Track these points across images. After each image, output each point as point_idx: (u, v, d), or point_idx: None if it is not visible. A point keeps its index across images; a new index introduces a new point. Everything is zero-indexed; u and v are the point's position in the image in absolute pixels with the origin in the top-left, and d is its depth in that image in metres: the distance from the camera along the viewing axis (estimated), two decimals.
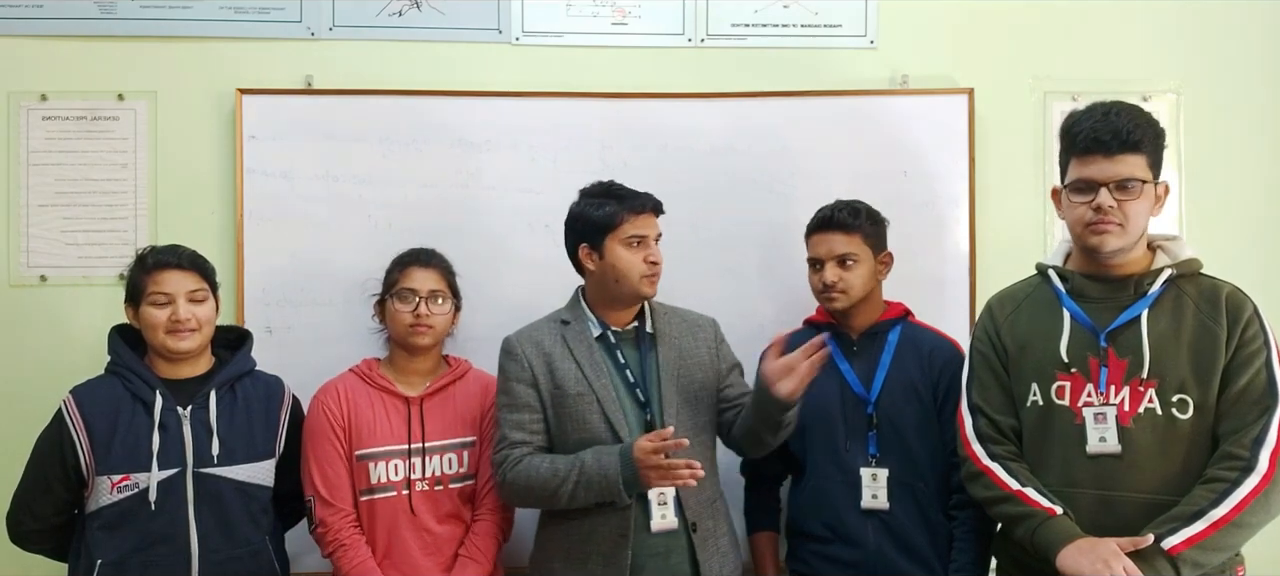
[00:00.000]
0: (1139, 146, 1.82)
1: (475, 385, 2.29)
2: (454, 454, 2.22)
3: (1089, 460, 1.83)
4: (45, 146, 2.55)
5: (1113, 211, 1.81)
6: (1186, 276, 1.87)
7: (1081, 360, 1.87)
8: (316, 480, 2.15)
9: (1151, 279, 1.86)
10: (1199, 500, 1.74)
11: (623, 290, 2.12)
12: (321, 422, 2.17)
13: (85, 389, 2.06)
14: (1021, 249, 2.65)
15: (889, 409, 2.20)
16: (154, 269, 2.05)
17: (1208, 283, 1.88)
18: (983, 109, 2.63)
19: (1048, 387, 1.89)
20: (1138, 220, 1.84)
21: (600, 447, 2.05)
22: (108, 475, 1.99)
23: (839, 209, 2.24)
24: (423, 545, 2.17)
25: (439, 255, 2.30)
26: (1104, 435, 1.82)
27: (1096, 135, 1.82)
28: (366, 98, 2.57)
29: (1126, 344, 1.84)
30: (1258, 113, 2.69)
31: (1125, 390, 1.82)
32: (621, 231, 2.10)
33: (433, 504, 2.19)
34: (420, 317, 2.19)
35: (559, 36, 2.65)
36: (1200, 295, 1.85)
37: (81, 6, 2.57)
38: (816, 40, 2.67)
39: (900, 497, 2.17)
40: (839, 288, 2.20)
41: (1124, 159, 1.81)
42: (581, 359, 2.12)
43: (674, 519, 2.05)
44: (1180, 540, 1.71)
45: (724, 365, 2.22)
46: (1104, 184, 1.82)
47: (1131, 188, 1.81)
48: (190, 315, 2.04)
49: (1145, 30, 2.69)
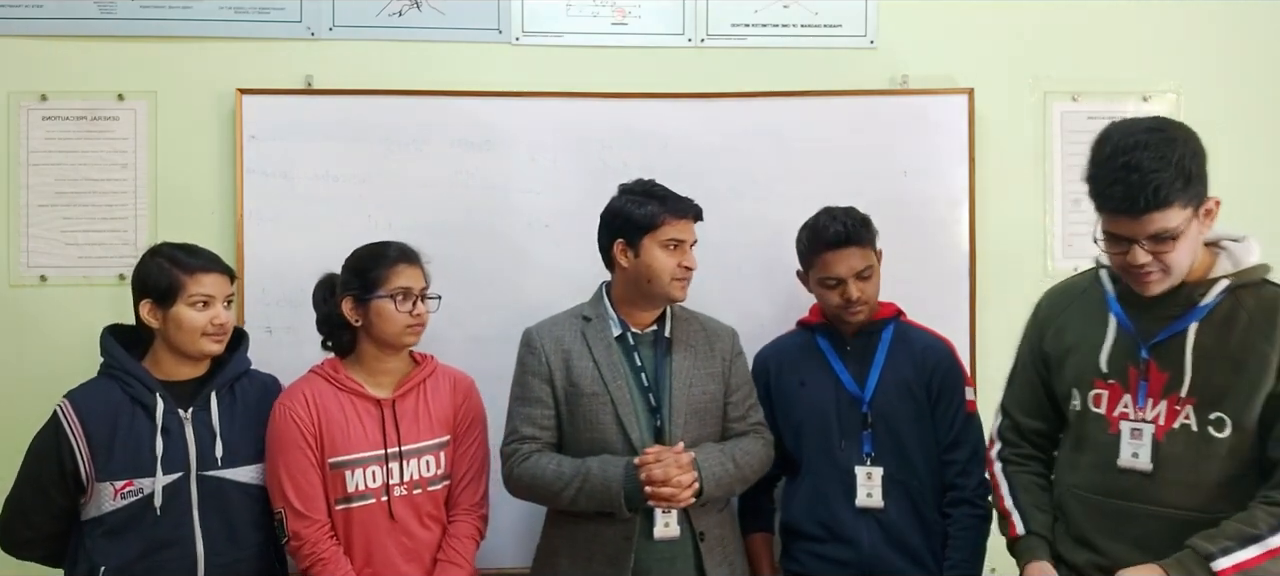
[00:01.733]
0: (1166, 202, 1.61)
1: (444, 382, 2.21)
2: (431, 455, 2.15)
3: (1119, 472, 1.78)
4: (45, 146, 2.55)
5: (1150, 263, 1.68)
6: (1247, 286, 1.73)
7: (1121, 371, 1.79)
8: (289, 491, 2.05)
9: (1206, 289, 1.72)
10: (1258, 523, 1.63)
11: (653, 291, 2.13)
12: (290, 431, 2.06)
13: (81, 393, 2.01)
14: (1021, 249, 2.67)
15: (883, 408, 2.20)
16: (198, 271, 2.02)
17: (1270, 293, 1.73)
18: (983, 109, 2.63)
19: (1086, 394, 1.84)
20: (1181, 262, 1.69)
21: (607, 458, 2.06)
22: (110, 481, 1.96)
23: (850, 222, 2.19)
24: (404, 551, 2.11)
25: (415, 249, 2.21)
26: (1137, 451, 1.75)
27: (1115, 205, 1.66)
28: (366, 98, 2.56)
29: (1169, 358, 1.74)
30: (1258, 113, 2.69)
31: (1162, 404, 1.74)
32: (660, 233, 2.10)
33: (413, 508, 2.12)
34: (418, 316, 2.14)
35: (559, 36, 2.65)
36: (1258, 308, 1.70)
37: (81, 6, 2.57)
38: (816, 40, 2.67)
39: (895, 496, 2.17)
40: (862, 300, 2.18)
41: (1151, 217, 1.63)
42: (600, 358, 2.12)
43: (677, 528, 2.06)
44: (1231, 564, 1.61)
45: (734, 379, 2.20)
46: (1135, 241, 1.67)
47: (1166, 240, 1.65)
48: (227, 321, 2.04)
49: (1145, 31, 2.69)
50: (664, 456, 2.01)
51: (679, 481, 2.00)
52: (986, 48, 2.68)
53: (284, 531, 2.07)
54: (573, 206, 2.55)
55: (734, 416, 2.19)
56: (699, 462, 2.05)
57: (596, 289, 2.24)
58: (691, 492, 2.01)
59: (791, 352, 2.32)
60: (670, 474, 1.99)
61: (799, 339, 2.34)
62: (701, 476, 2.03)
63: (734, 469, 2.11)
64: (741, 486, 2.18)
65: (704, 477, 2.04)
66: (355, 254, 2.19)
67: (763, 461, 2.20)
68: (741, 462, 2.13)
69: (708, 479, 2.04)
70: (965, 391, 2.23)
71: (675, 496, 2.00)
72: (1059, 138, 2.68)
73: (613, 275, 2.20)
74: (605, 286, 2.22)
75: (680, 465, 2.01)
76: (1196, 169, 1.65)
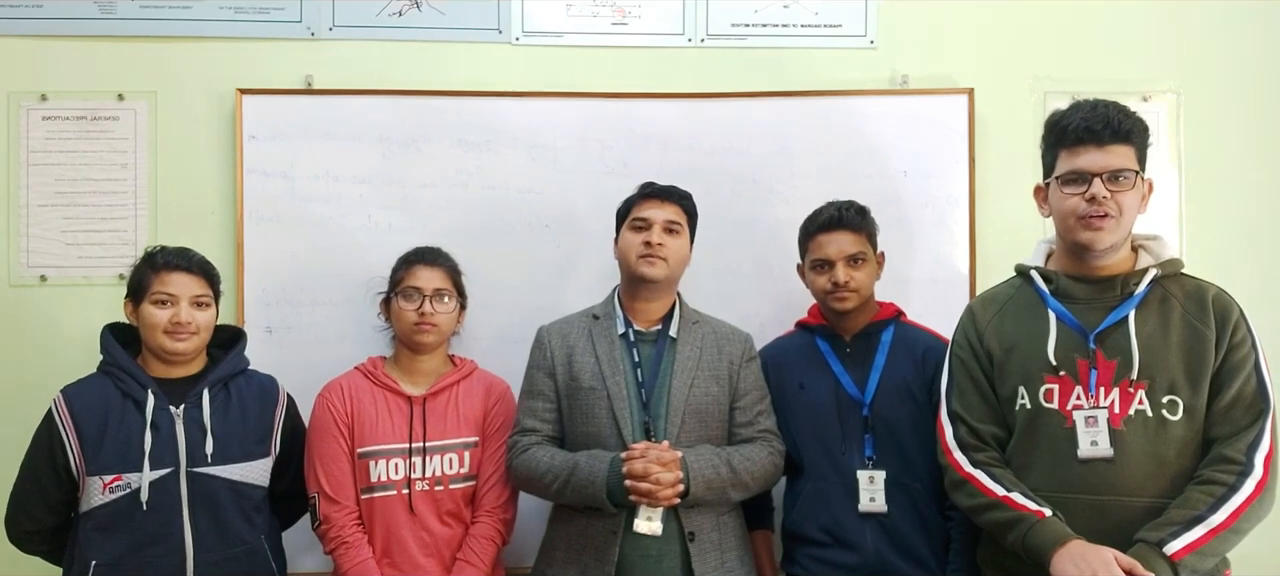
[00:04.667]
0: (1129, 137, 1.82)
1: (479, 385, 2.28)
2: (455, 454, 2.21)
3: (1080, 464, 1.80)
4: (45, 146, 2.55)
5: (1107, 202, 1.80)
6: (1170, 277, 1.86)
7: (1069, 362, 1.84)
8: (321, 477, 2.15)
9: (1137, 279, 1.84)
10: (1197, 504, 1.71)
11: (628, 274, 2.17)
12: (325, 419, 2.17)
13: (75, 388, 2.05)
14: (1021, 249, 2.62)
15: (884, 410, 2.19)
16: (163, 269, 2.05)
17: (1192, 283, 1.86)
18: (983, 109, 2.63)
19: (1036, 391, 1.86)
20: (1130, 213, 1.83)
21: (596, 452, 2.07)
22: (99, 475, 1.98)
23: (846, 208, 2.23)
24: (422, 545, 2.16)
25: (445, 254, 2.30)
26: (1096, 438, 1.79)
27: (1088, 125, 1.81)
28: (366, 98, 2.57)
29: (1115, 345, 1.82)
30: (1256, 112, 2.69)
31: (1115, 392, 1.80)
32: (632, 216, 2.18)
33: (433, 504, 2.18)
34: (424, 316, 2.19)
35: (559, 36, 2.65)
36: (1186, 295, 1.84)
37: (81, 6, 2.57)
38: (816, 40, 2.67)
39: (897, 499, 2.15)
40: (851, 286, 2.18)
41: (1116, 149, 1.81)
42: (602, 354, 2.14)
43: (659, 525, 2.04)
44: (1182, 546, 1.68)
45: (743, 385, 2.19)
46: (1097, 174, 1.81)
47: (1124, 178, 1.81)
48: (191, 319, 2.04)
49: (1145, 30, 2.69)
50: (647, 453, 2.02)
51: (659, 478, 1.99)
52: (986, 48, 2.68)
53: (316, 517, 2.14)
54: (572, 206, 2.56)
55: (741, 421, 2.17)
56: (688, 462, 2.03)
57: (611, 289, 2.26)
58: (675, 491, 2.01)
59: (791, 354, 2.31)
60: (650, 470, 1.99)
61: (798, 340, 2.33)
62: (689, 476, 2.02)
63: (729, 472, 2.08)
64: (739, 492, 2.13)
65: (691, 478, 2.02)
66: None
67: (767, 469, 2.16)
68: (739, 468, 2.10)
69: (696, 479, 2.03)
70: None
71: (654, 493, 1.99)
72: None
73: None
74: (618, 286, 2.25)
75: (662, 462, 2.01)
76: (1148, 138, 1.87)
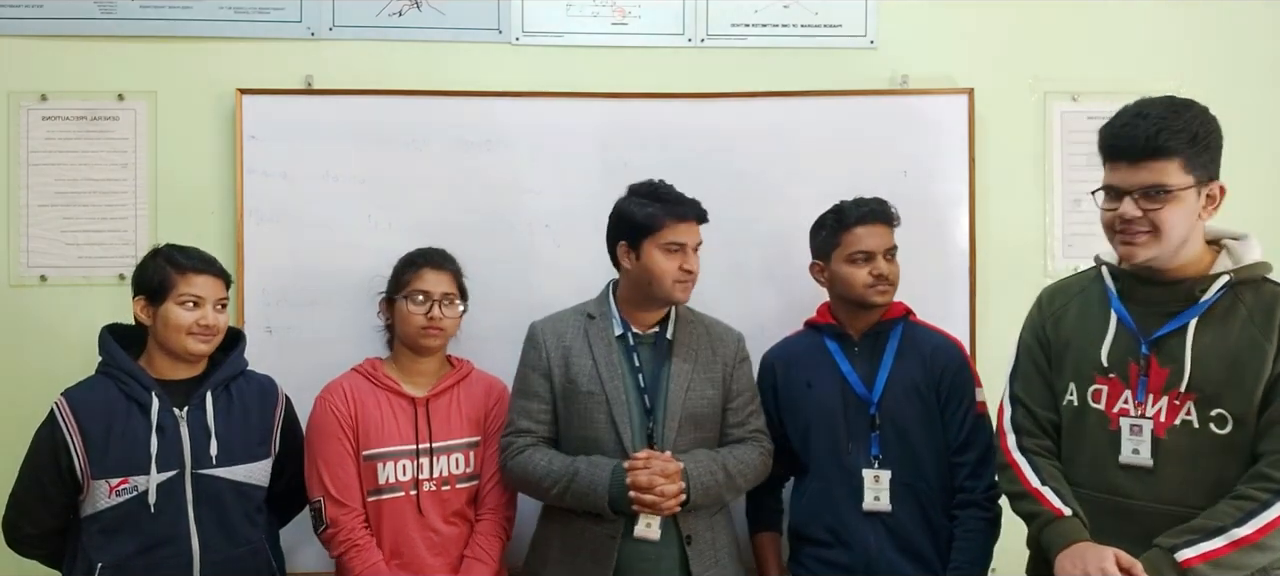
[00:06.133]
0: (1168, 152, 1.66)
1: (479, 385, 2.29)
2: (460, 454, 2.22)
3: (1120, 469, 1.77)
4: (45, 146, 2.55)
5: (1138, 221, 1.70)
6: (1247, 282, 1.73)
7: (1121, 366, 1.78)
8: (326, 480, 2.14)
9: (1207, 284, 1.73)
10: (1223, 516, 1.65)
11: (655, 293, 2.13)
12: (329, 422, 2.16)
13: (78, 391, 2.04)
14: (1021, 249, 2.67)
15: (891, 410, 2.18)
16: (190, 271, 2.04)
17: (1270, 290, 1.73)
18: (983, 109, 2.63)
19: (1085, 389, 1.82)
20: (1174, 229, 1.69)
21: (597, 459, 2.06)
22: (105, 478, 1.97)
23: (881, 203, 2.24)
24: (430, 545, 2.17)
25: (450, 256, 2.30)
26: (1138, 447, 1.75)
27: (1116, 142, 1.71)
28: (366, 98, 2.56)
29: (1170, 353, 1.74)
30: (1257, 113, 2.69)
31: (1163, 400, 1.74)
32: (661, 236, 2.10)
33: (440, 504, 2.19)
34: (433, 320, 2.19)
35: (559, 36, 2.65)
36: (1256, 304, 1.71)
37: (81, 6, 2.57)
38: (816, 40, 2.67)
39: (903, 500, 2.15)
40: (890, 281, 2.19)
41: (1149, 166, 1.67)
42: (599, 357, 2.12)
43: (658, 531, 2.05)
44: (1195, 554, 1.63)
45: (735, 386, 2.19)
46: (1128, 192, 1.70)
47: (1159, 196, 1.68)
48: (215, 322, 2.05)
49: (1145, 30, 2.69)
50: (651, 463, 2.02)
51: (664, 490, 2.00)
52: (986, 48, 2.68)
53: (321, 520, 2.13)
54: (572, 206, 2.55)
55: (733, 422, 2.18)
56: (688, 471, 2.04)
57: (603, 287, 2.24)
58: (677, 501, 2.02)
59: (799, 353, 2.31)
60: (655, 481, 2.00)
61: (806, 340, 2.33)
62: (689, 485, 2.03)
63: (724, 477, 2.09)
64: (732, 494, 2.17)
65: (692, 487, 2.04)
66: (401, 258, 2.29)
67: (757, 470, 2.17)
68: (732, 471, 2.11)
69: (696, 487, 2.04)
70: (975, 393, 2.20)
71: (658, 504, 2.00)
72: (1059, 138, 2.68)
73: (619, 275, 2.21)
74: (612, 285, 2.23)
75: (666, 474, 2.01)
76: (1204, 135, 1.69)
